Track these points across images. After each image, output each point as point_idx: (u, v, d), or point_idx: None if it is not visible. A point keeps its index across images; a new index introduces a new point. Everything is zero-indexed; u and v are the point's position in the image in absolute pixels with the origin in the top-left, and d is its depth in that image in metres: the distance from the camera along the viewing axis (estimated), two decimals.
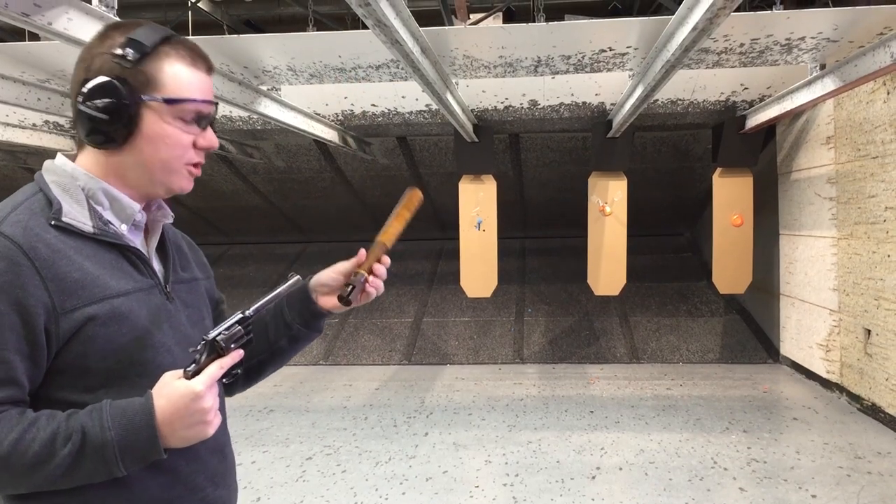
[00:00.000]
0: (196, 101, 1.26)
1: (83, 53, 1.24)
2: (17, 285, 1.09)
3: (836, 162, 5.27)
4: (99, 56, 1.21)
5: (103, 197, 1.24)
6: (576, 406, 5.40)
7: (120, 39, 1.21)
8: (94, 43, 1.23)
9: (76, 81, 1.22)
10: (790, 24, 3.83)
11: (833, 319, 5.39)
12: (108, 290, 1.18)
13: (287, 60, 4.32)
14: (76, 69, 1.23)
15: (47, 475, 1.08)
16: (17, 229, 1.12)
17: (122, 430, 1.11)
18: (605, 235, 5.97)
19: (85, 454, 1.09)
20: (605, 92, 5.56)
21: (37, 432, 1.08)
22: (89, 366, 1.16)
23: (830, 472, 4.01)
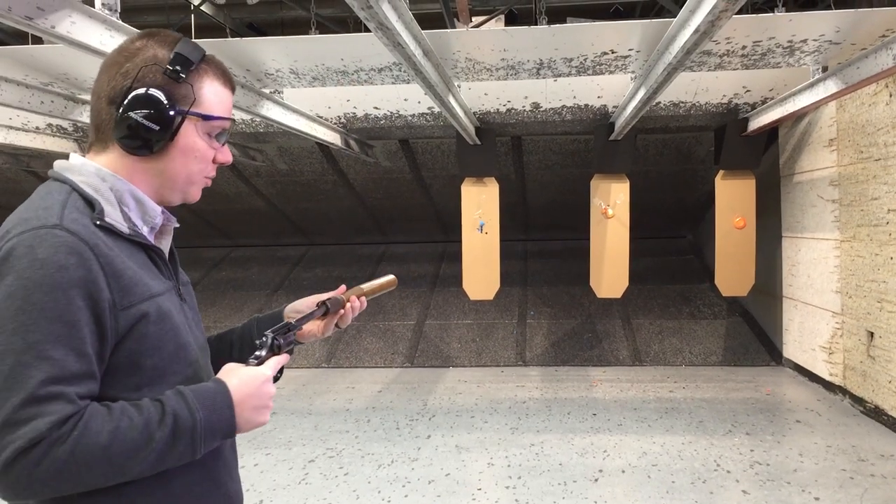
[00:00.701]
0: (225, 119, 1.34)
1: (120, 59, 1.26)
2: (89, 280, 1.10)
3: (839, 164, 5.27)
4: (147, 68, 1.24)
5: (130, 199, 1.26)
6: (578, 408, 5.40)
7: (163, 52, 1.26)
8: (134, 51, 1.26)
9: (116, 88, 1.24)
10: (792, 26, 3.83)
11: (836, 322, 5.38)
12: (151, 289, 1.22)
13: (290, 63, 4.32)
14: (112, 74, 1.25)
15: (143, 460, 1.11)
16: (79, 226, 1.13)
17: (207, 411, 1.17)
18: (607, 238, 5.97)
19: (178, 437, 1.13)
20: (607, 94, 5.57)
21: (130, 420, 1.10)
22: (141, 363, 1.19)
23: (833, 474, 4.00)
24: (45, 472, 1.02)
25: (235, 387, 1.22)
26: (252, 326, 1.59)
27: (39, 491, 1.05)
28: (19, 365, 1.03)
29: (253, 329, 1.58)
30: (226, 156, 1.39)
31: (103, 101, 1.25)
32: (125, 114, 1.22)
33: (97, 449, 1.06)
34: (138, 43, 1.27)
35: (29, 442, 1.01)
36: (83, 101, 4.67)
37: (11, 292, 1.06)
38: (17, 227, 1.11)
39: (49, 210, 1.14)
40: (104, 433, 1.07)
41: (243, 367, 1.27)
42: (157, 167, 1.29)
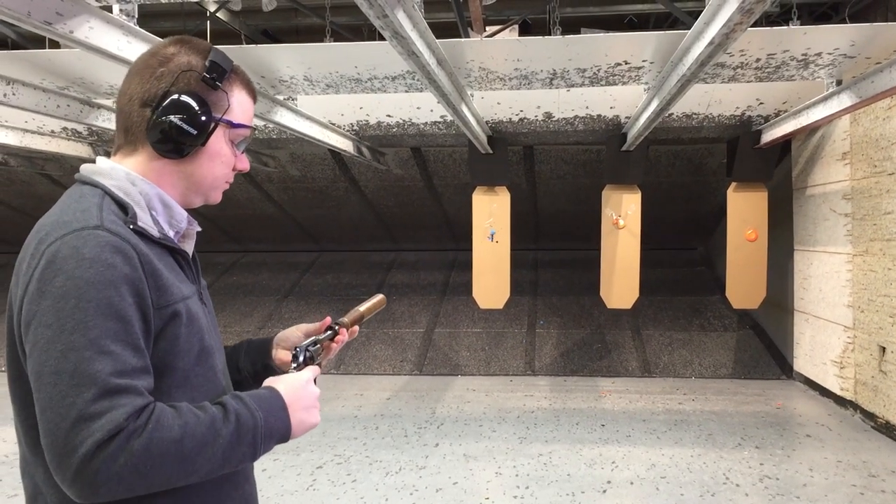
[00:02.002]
0: (249, 128, 1.39)
1: (153, 63, 1.27)
2: (135, 278, 1.12)
3: (852, 178, 5.25)
4: (184, 73, 1.26)
5: (158, 203, 1.28)
6: (587, 419, 5.39)
7: (197, 59, 1.29)
8: (168, 56, 1.27)
9: (151, 91, 1.25)
10: (807, 39, 3.83)
11: (847, 336, 5.35)
12: (181, 291, 1.23)
13: (304, 71, 4.35)
14: (145, 77, 1.26)
15: (210, 459, 1.11)
16: (120, 227, 1.14)
17: (265, 412, 1.20)
18: (618, 248, 5.96)
19: (241, 436, 1.15)
20: (619, 105, 5.57)
21: (197, 417, 1.12)
22: (172, 365, 1.19)
23: (843, 490, 3.97)
24: (123, 467, 1.01)
25: (284, 391, 1.26)
26: (240, 350, 1.58)
27: (115, 489, 1.02)
28: (84, 361, 1.03)
29: (240, 353, 1.57)
30: (244, 163, 1.42)
31: (135, 104, 1.25)
32: (161, 117, 1.23)
33: (171, 443, 1.06)
34: (171, 49, 1.28)
35: (108, 434, 1.00)
36: (99, 105, 4.71)
37: (64, 293, 1.06)
38: (57, 231, 1.12)
39: (87, 212, 1.14)
40: (175, 427, 1.07)
41: (286, 375, 1.33)
42: (186, 170, 1.31)
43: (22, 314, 1.10)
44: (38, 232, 1.15)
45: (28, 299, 1.09)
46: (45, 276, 1.07)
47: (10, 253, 10.52)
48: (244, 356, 1.56)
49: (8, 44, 7.26)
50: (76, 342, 1.04)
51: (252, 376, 1.55)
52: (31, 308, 1.08)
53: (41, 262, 1.09)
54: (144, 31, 3.07)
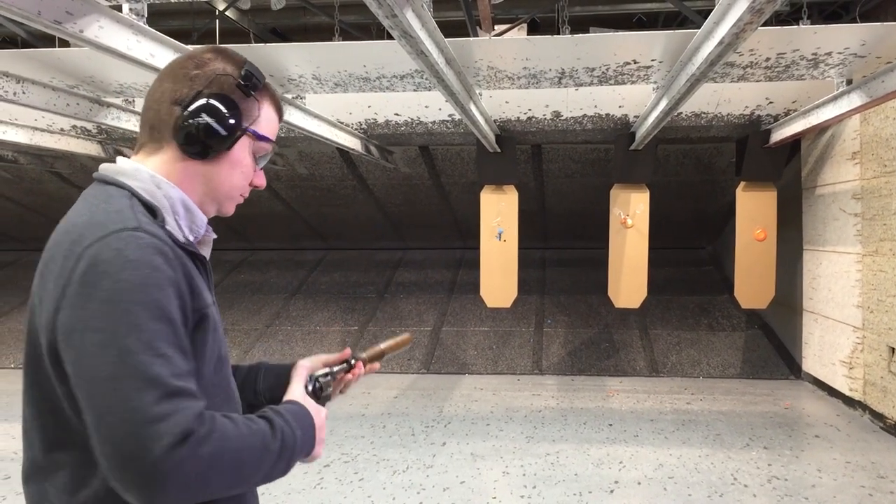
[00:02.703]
0: (272, 143, 1.39)
1: (189, 65, 1.28)
2: (176, 280, 1.11)
3: (862, 178, 5.22)
4: (220, 77, 1.28)
5: (181, 207, 1.26)
6: (594, 419, 5.38)
7: (232, 68, 1.31)
8: (204, 61, 1.29)
9: (184, 90, 1.26)
10: (817, 39, 3.82)
11: (856, 336, 5.33)
12: (207, 297, 1.23)
13: (312, 69, 4.35)
14: (178, 76, 1.27)
15: (259, 471, 1.13)
16: (156, 229, 1.14)
17: (302, 429, 1.24)
18: (626, 248, 5.95)
19: (283, 451, 1.17)
20: (628, 104, 5.56)
21: (250, 430, 1.13)
22: (201, 371, 1.17)
23: (852, 491, 3.96)
24: (190, 472, 1.00)
25: (313, 414, 1.32)
26: (258, 373, 1.56)
27: (181, 494, 1.01)
28: (142, 364, 1.01)
29: (258, 377, 1.55)
30: (261, 179, 1.42)
31: (165, 102, 1.25)
32: (192, 117, 1.24)
33: (233, 453, 1.07)
34: (208, 55, 1.30)
35: (177, 437, 0.99)
36: (108, 104, 4.72)
37: (112, 296, 1.04)
38: (93, 232, 1.09)
39: (122, 213, 1.13)
40: (236, 438, 1.08)
41: (309, 399, 1.38)
42: (207, 173, 1.30)
43: (59, 319, 1.06)
44: (68, 233, 1.13)
45: (69, 303, 1.05)
46: (89, 280, 1.05)
47: (19, 250, 10.58)
48: (262, 380, 1.54)
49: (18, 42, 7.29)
50: (132, 346, 1.02)
51: (269, 401, 1.47)
52: (76, 313, 1.04)
53: (81, 265, 1.06)
54: (154, 31, 3.08)
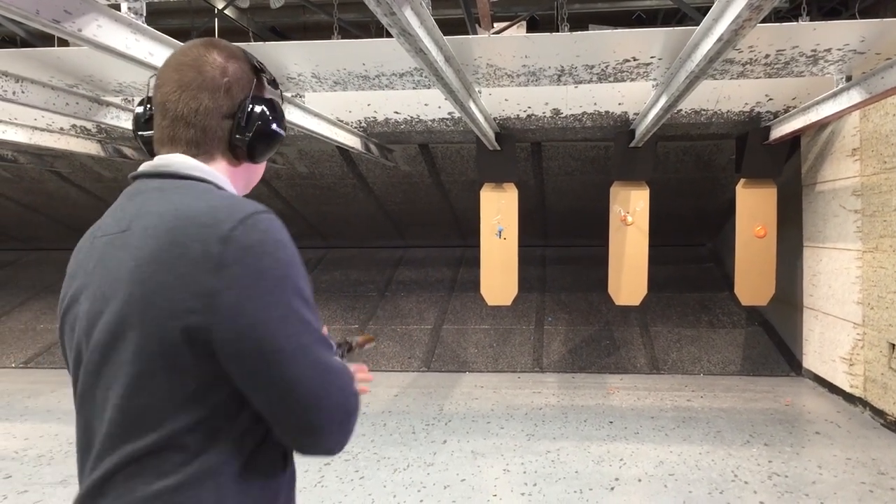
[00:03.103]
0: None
1: (216, 74, 1.31)
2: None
3: (862, 174, 5.22)
4: (249, 81, 1.36)
5: None
6: (595, 416, 5.38)
7: (245, 64, 1.37)
8: (223, 67, 1.32)
9: (228, 104, 1.31)
10: (816, 35, 3.81)
11: (857, 333, 5.33)
12: None
13: (311, 68, 4.35)
14: (213, 90, 1.30)
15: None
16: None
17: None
18: (626, 245, 5.95)
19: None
20: (628, 101, 5.56)
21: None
22: None
23: (853, 487, 3.96)
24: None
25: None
26: None
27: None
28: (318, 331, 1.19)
29: None
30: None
31: (215, 117, 1.30)
32: (248, 129, 1.33)
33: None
34: (217, 57, 1.33)
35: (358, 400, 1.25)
36: (108, 103, 4.72)
37: (278, 273, 1.14)
38: (228, 215, 1.14)
39: (236, 199, 1.22)
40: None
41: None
42: (251, 172, 1.44)
43: (219, 301, 1.08)
44: (189, 218, 1.14)
45: (233, 284, 1.09)
46: (251, 262, 1.11)
47: (19, 250, 10.59)
48: None
49: (17, 42, 7.28)
50: (309, 316, 1.17)
51: None
52: (247, 293, 1.09)
53: (232, 248, 1.10)
54: (153, 29, 3.08)
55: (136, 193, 1.25)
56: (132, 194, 1.26)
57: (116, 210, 1.27)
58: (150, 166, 1.29)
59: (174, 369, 1.10)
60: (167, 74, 1.31)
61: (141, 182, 1.29)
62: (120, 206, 1.27)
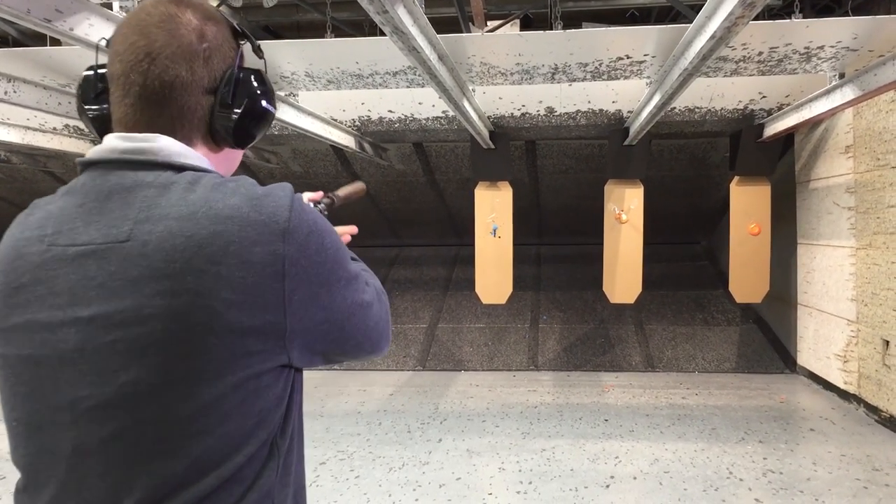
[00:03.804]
0: None
1: (192, 38, 1.10)
2: None
3: (855, 171, 5.23)
4: (231, 48, 1.18)
5: None
6: (590, 414, 5.38)
7: (224, 25, 1.19)
8: (200, 29, 1.12)
9: (209, 76, 1.13)
10: (809, 33, 3.82)
11: (851, 330, 5.34)
12: None
13: (305, 66, 4.34)
14: (190, 57, 1.10)
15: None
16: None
17: None
18: (620, 243, 5.96)
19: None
20: (622, 99, 5.56)
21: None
22: None
23: (847, 484, 3.97)
24: None
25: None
26: None
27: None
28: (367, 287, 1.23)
29: None
30: None
31: (193, 92, 1.10)
32: (234, 105, 1.15)
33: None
34: (191, 17, 1.11)
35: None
36: None
37: (331, 250, 1.10)
38: (276, 202, 1.04)
39: (264, 186, 1.08)
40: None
41: None
42: (229, 163, 1.26)
43: (295, 297, 1.02)
44: (226, 220, 0.99)
45: (304, 279, 1.03)
46: (312, 251, 1.05)
47: None
48: None
49: (9, 41, 7.26)
50: (362, 275, 1.23)
51: None
52: (316, 277, 1.06)
53: (292, 243, 1.02)
54: None
55: (119, 191, 1.03)
56: (110, 192, 1.03)
57: (86, 212, 1.03)
58: (122, 151, 1.06)
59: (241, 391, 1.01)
60: (128, 39, 1.07)
61: (116, 175, 1.05)
62: (92, 207, 1.03)
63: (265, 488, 1.06)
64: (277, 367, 1.05)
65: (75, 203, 1.04)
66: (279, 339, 1.02)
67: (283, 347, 1.03)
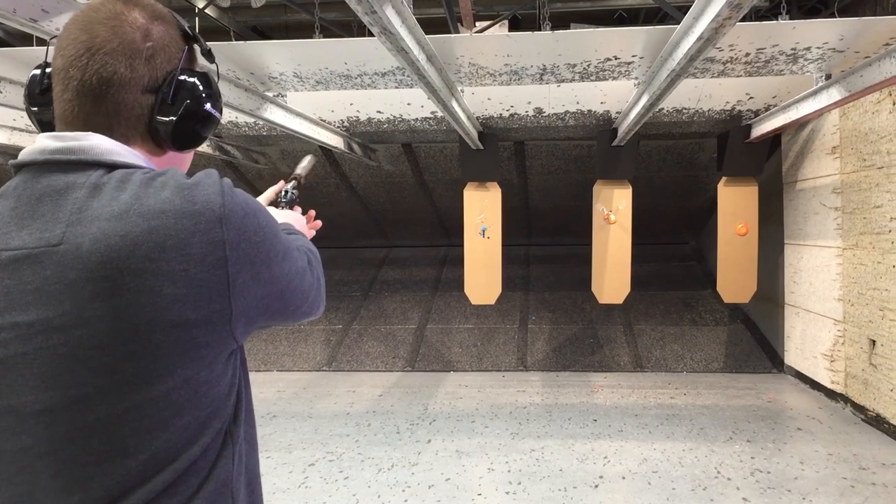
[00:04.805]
0: None
1: (136, 37, 1.09)
2: None
3: (842, 172, 5.27)
4: (178, 49, 1.16)
5: None
6: (579, 414, 5.39)
7: (174, 28, 1.17)
8: (145, 29, 1.11)
9: (151, 75, 1.11)
10: (796, 34, 3.84)
11: (838, 329, 5.38)
12: None
13: (293, 67, 4.33)
14: (131, 55, 1.08)
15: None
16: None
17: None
18: (609, 243, 5.97)
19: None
20: (610, 100, 5.57)
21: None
22: None
23: (834, 482, 3.99)
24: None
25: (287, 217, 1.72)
26: None
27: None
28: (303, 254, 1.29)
29: None
30: None
31: (132, 90, 1.09)
32: (180, 103, 1.14)
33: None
34: (137, 16, 1.10)
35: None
36: None
37: (266, 227, 1.12)
38: (208, 188, 1.04)
39: (189, 174, 1.10)
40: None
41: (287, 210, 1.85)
42: (176, 164, 1.23)
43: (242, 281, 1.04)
44: (160, 214, 0.98)
45: (247, 258, 1.05)
46: (250, 230, 1.07)
47: None
48: None
49: None
50: (293, 244, 1.23)
51: None
52: (259, 253, 1.08)
53: (228, 227, 1.03)
54: None
55: (50, 194, 1.01)
56: (41, 195, 1.01)
57: (18, 216, 1.00)
58: (51, 151, 1.05)
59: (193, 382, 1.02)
60: (72, 34, 1.07)
61: (47, 177, 1.03)
62: (24, 211, 1.01)
63: (221, 477, 1.07)
64: (228, 353, 1.07)
65: (8, 207, 1.02)
66: (226, 324, 1.03)
67: (229, 332, 1.05)
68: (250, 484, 1.18)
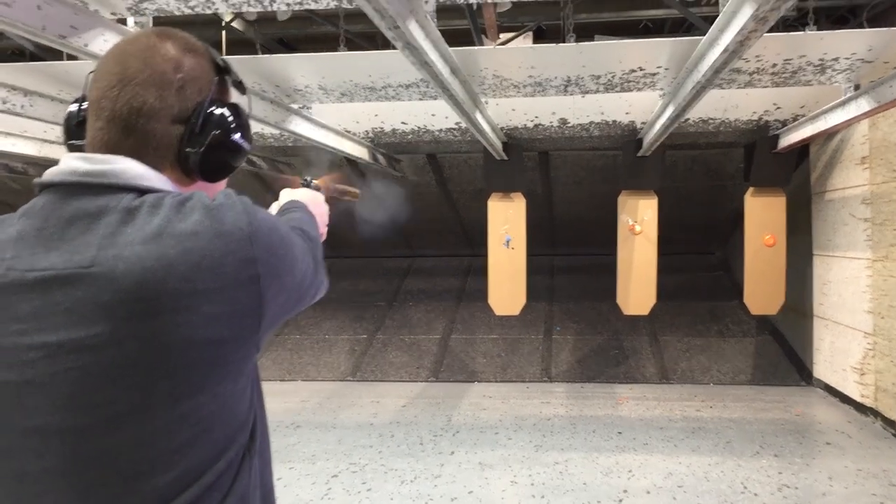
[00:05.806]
0: None
1: (167, 68, 1.12)
2: None
3: (871, 182, 5.19)
4: (208, 81, 1.19)
5: None
6: (603, 427, 5.35)
7: (206, 60, 1.21)
8: (177, 61, 1.14)
9: (180, 105, 1.13)
10: (823, 44, 3.80)
11: (868, 342, 5.29)
12: None
13: (318, 79, 4.36)
14: (161, 86, 1.11)
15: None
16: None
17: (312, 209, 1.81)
18: (634, 254, 5.93)
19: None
20: (635, 111, 5.55)
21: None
22: None
23: (864, 499, 3.92)
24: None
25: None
26: None
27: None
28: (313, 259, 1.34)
29: None
30: None
31: (161, 120, 1.11)
32: (203, 139, 1.16)
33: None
34: (171, 49, 1.14)
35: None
36: None
37: (284, 240, 1.16)
38: (234, 207, 1.08)
39: (212, 195, 1.11)
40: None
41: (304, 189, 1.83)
42: (209, 189, 1.24)
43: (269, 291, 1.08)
44: (193, 235, 1.01)
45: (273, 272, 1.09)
46: (275, 246, 1.11)
47: None
48: None
49: (25, 55, 7.33)
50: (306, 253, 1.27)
51: None
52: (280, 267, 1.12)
53: (256, 247, 1.06)
54: None
55: (81, 217, 1.02)
56: (72, 217, 1.02)
57: (46, 237, 1.01)
58: (82, 174, 1.05)
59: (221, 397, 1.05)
60: (107, 66, 1.11)
61: (79, 200, 1.03)
62: (52, 233, 1.01)
63: (240, 492, 1.09)
64: (250, 364, 1.11)
65: (34, 227, 1.03)
66: (254, 335, 1.08)
67: (255, 343, 1.09)
68: (265, 498, 1.22)
